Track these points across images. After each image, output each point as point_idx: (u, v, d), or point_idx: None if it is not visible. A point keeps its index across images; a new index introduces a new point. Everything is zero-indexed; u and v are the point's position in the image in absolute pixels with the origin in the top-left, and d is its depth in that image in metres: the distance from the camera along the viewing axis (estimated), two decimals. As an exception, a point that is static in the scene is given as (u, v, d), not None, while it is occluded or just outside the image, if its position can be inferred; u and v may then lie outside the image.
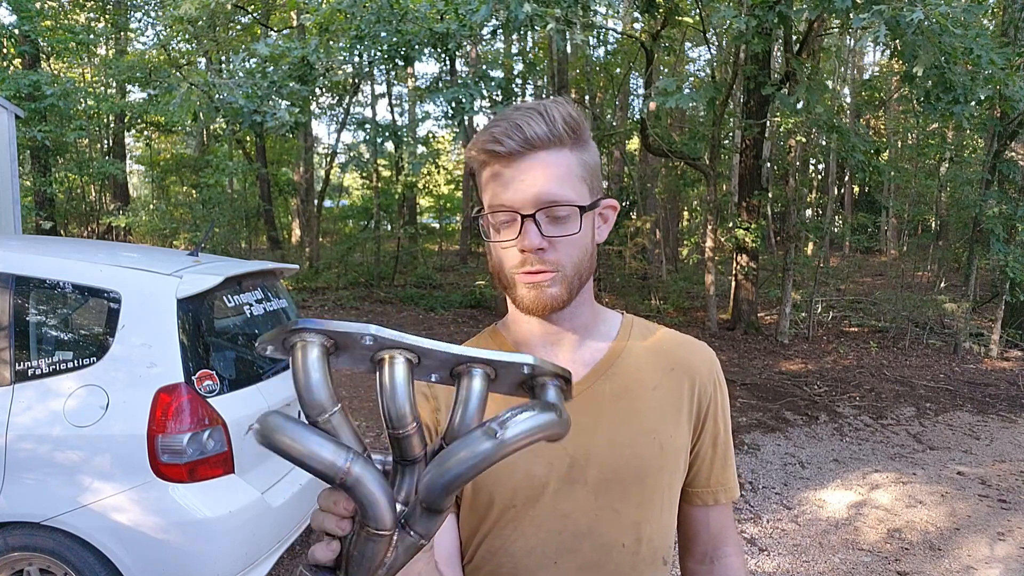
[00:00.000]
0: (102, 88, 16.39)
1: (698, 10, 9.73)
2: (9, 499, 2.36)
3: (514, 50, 16.87)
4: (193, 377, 2.42)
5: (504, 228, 0.84)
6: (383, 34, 6.97)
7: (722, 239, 9.77)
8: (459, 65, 11.92)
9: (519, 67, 14.41)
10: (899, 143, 16.93)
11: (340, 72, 7.99)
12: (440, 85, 9.22)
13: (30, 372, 2.43)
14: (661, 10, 8.49)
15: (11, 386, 2.42)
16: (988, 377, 7.49)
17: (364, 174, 16.76)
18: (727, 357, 8.15)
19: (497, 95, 8.87)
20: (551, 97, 0.90)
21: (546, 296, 0.84)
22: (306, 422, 0.58)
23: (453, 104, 6.81)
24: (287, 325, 0.58)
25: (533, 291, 0.84)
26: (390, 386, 0.59)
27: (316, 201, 15.81)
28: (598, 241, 0.90)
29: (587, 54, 13.61)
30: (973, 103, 5.65)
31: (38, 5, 12.82)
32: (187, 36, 15.11)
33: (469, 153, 0.87)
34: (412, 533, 0.61)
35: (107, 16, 16.16)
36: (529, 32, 10.44)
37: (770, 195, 10.90)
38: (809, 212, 14.85)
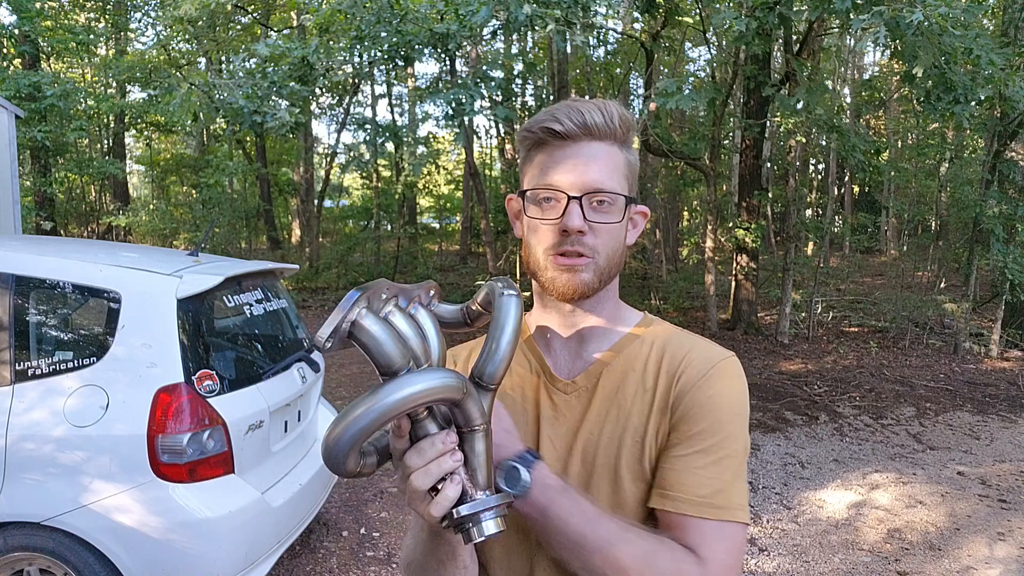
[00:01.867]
0: (102, 88, 16.39)
1: (698, 10, 9.74)
2: (9, 499, 2.36)
3: (514, 50, 16.87)
4: (193, 377, 2.42)
5: (547, 208, 0.86)
6: (383, 34, 6.98)
7: (722, 239, 9.77)
8: (459, 65, 11.91)
9: (519, 67, 14.40)
10: (899, 143, 16.93)
11: (340, 72, 7.99)
12: (440, 86, 9.22)
13: (30, 372, 2.43)
14: (661, 10, 8.49)
15: (11, 386, 2.42)
16: (988, 377, 7.49)
17: (364, 174, 16.76)
18: (727, 357, 8.15)
19: (497, 95, 8.88)
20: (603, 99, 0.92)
21: (577, 280, 0.85)
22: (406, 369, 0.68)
23: (453, 104, 6.81)
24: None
25: (565, 274, 0.86)
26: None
27: (316, 201, 15.82)
28: (628, 244, 0.92)
29: (587, 54, 13.60)
30: (973, 103, 5.65)
31: (38, 5, 12.82)
32: (187, 36, 15.12)
33: (523, 133, 0.89)
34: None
35: (107, 16, 16.17)
36: (529, 32, 10.44)
37: (770, 195, 10.90)
38: (809, 212, 14.84)
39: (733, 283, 9.77)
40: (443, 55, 7.98)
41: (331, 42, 8.20)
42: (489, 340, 0.75)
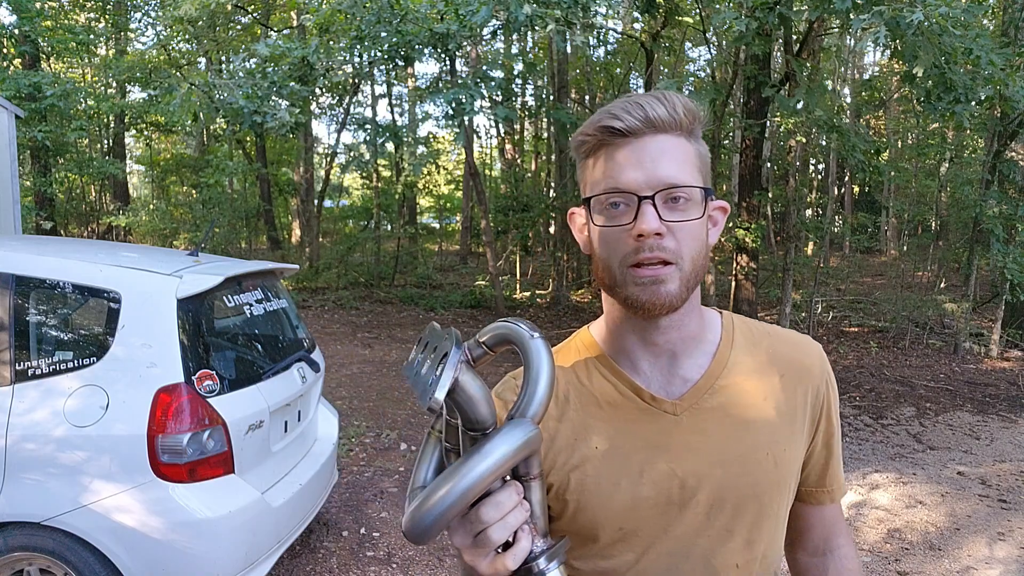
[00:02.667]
0: (102, 88, 16.40)
1: (698, 10, 9.74)
2: (9, 499, 2.36)
3: (514, 50, 16.88)
4: (193, 377, 2.42)
5: (617, 214, 0.78)
6: (383, 34, 6.98)
7: (722, 239, 9.77)
8: (459, 65, 11.91)
9: (519, 67, 14.41)
10: (899, 143, 16.94)
11: (340, 72, 7.99)
12: (440, 85, 9.22)
13: (30, 372, 2.43)
14: (661, 10, 8.50)
15: (11, 386, 2.42)
16: (988, 377, 7.49)
17: (364, 174, 16.76)
18: (727, 357, 8.15)
19: (497, 95, 8.88)
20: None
21: (661, 294, 0.77)
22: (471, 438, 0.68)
23: (453, 104, 6.82)
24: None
25: (649, 287, 0.77)
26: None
27: (316, 201, 15.82)
28: (710, 243, 0.83)
29: (587, 54, 13.61)
30: (973, 103, 5.65)
31: (38, 5, 12.83)
32: (187, 36, 15.12)
33: (579, 138, 0.82)
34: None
35: (107, 16, 16.18)
36: (529, 32, 10.45)
37: (770, 195, 10.90)
38: (809, 212, 14.84)
39: (733, 283, 9.77)
40: (443, 55, 7.98)
41: (331, 42, 8.21)
42: (527, 383, 0.70)
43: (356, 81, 12.43)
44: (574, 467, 0.84)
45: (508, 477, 0.69)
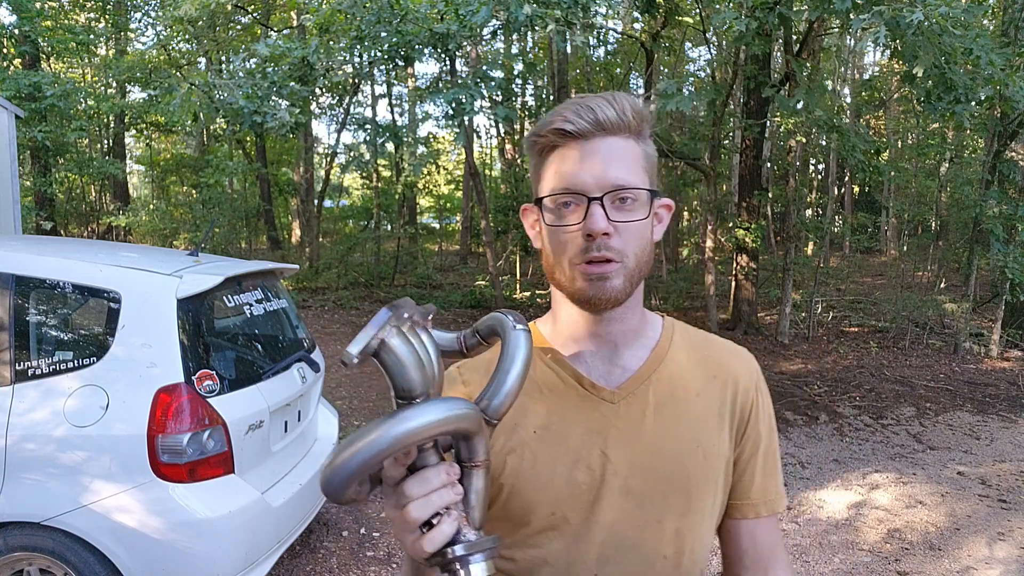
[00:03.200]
0: (102, 88, 16.40)
1: (698, 10, 9.74)
2: (9, 499, 2.36)
3: (514, 50, 16.88)
4: (193, 377, 2.42)
5: (567, 213, 0.81)
6: (383, 34, 6.98)
7: (722, 239, 9.77)
8: (459, 65, 11.91)
9: (519, 67, 14.41)
10: (899, 143, 16.94)
11: (340, 72, 7.99)
12: (440, 86, 9.22)
13: (30, 372, 2.43)
14: (661, 10, 8.49)
15: (11, 386, 2.42)
16: (988, 377, 7.49)
17: (364, 174, 16.76)
18: (727, 357, 8.16)
19: (497, 95, 8.88)
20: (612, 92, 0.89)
21: (608, 289, 0.81)
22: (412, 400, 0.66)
23: (453, 105, 6.81)
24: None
25: (596, 283, 0.81)
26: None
27: (316, 201, 15.82)
28: (655, 240, 0.87)
29: (587, 54, 13.61)
30: (973, 103, 5.65)
31: (38, 5, 12.83)
32: (187, 36, 15.12)
33: (532, 138, 0.85)
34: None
35: (107, 16, 16.18)
36: (529, 32, 10.45)
37: (770, 195, 10.90)
38: (809, 212, 14.84)
39: (733, 283, 9.78)
40: (443, 55, 7.98)
41: (331, 42, 8.20)
42: (498, 372, 0.71)
43: (356, 81, 12.43)
44: (511, 450, 0.86)
45: (448, 458, 0.68)
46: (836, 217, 13.87)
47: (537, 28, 6.27)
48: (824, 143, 11.67)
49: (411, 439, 0.61)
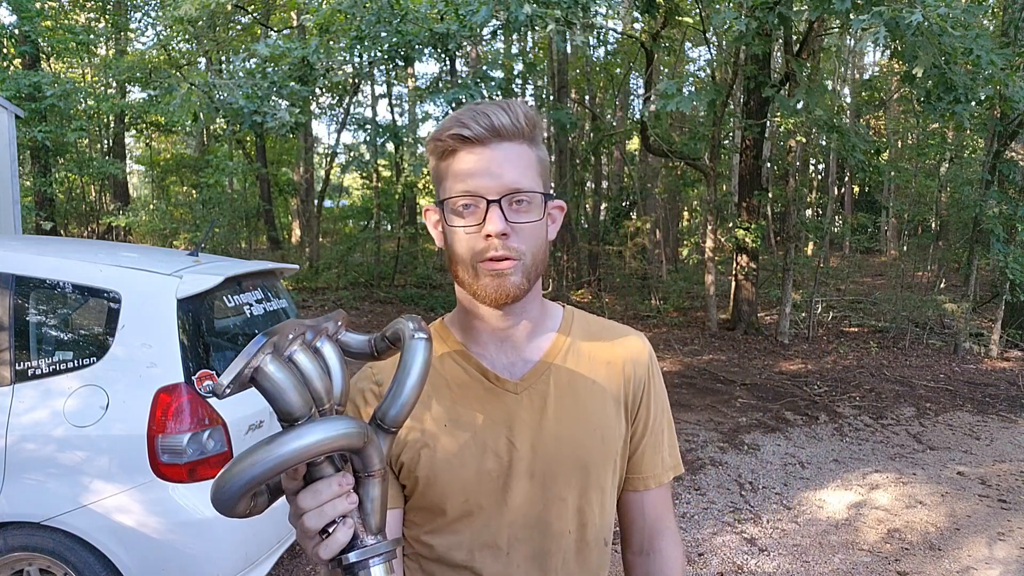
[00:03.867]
0: (102, 88, 16.39)
1: (698, 10, 9.74)
2: (9, 499, 2.36)
3: (514, 50, 16.87)
4: (193, 377, 2.42)
5: (468, 215, 0.86)
6: (383, 34, 6.98)
7: (722, 239, 9.77)
8: (459, 65, 11.91)
9: (519, 67, 14.40)
10: (899, 143, 16.94)
11: (340, 72, 7.99)
12: (440, 86, 9.23)
13: (30, 372, 2.43)
14: (661, 10, 8.49)
15: (11, 386, 2.42)
16: (988, 377, 7.49)
17: (364, 174, 16.76)
18: (727, 357, 8.16)
19: (497, 95, 8.87)
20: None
21: (508, 284, 0.86)
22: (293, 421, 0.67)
23: (453, 105, 6.81)
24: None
25: (496, 279, 0.86)
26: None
27: (316, 201, 15.82)
28: (549, 239, 0.93)
29: (587, 54, 13.61)
30: (973, 103, 5.65)
31: (38, 5, 12.82)
32: (187, 36, 15.11)
33: (432, 143, 0.89)
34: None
35: (107, 16, 16.17)
36: (529, 32, 10.45)
37: (770, 195, 10.90)
38: (809, 212, 14.85)
39: (733, 283, 9.77)
40: (443, 55, 7.98)
41: (331, 42, 8.20)
42: (395, 383, 0.73)
43: (356, 81, 12.43)
44: (424, 444, 0.91)
45: (342, 468, 0.70)
46: (836, 217, 13.87)
47: (537, 28, 6.28)
48: (824, 143, 11.67)
49: (288, 462, 0.63)
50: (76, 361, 2.43)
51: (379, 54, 7.17)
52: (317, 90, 8.91)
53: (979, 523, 3.94)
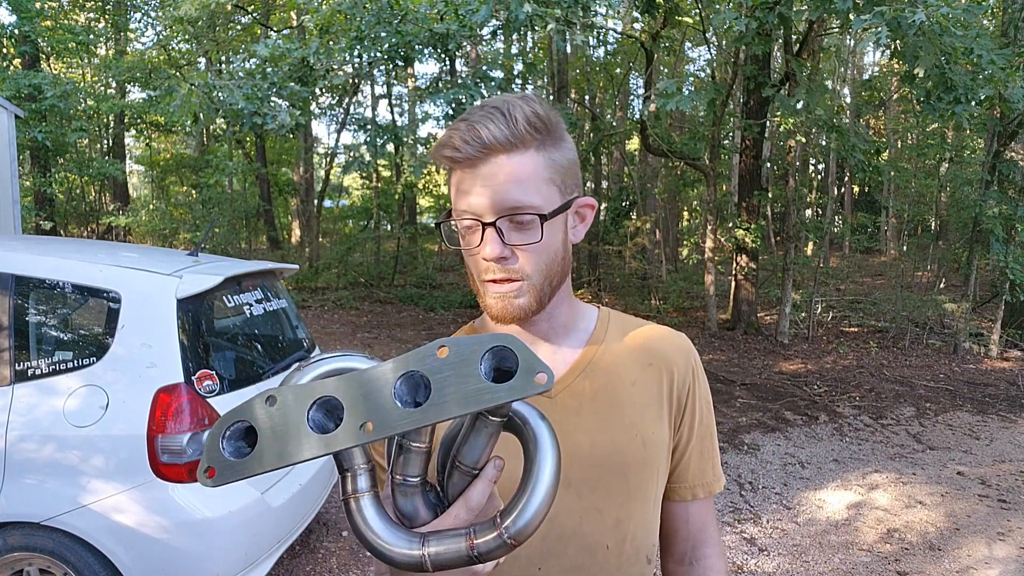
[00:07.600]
0: (102, 88, 16.40)
1: (698, 10, 9.74)
2: (9, 499, 2.36)
3: (514, 50, 16.88)
4: (193, 377, 2.42)
5: (469, 235, 0.82)
6: (383, 35, 6.97)
7: (722, 239, 9.77)
8: (459, 65, 11.92)
9: (519, 67, 14.40)
10: (899, 143, 16.94)
11: (340, 73, 7.99)
12: (440, 86, 9.23)
13: (30, 372, 2.43)
14: (661, 10, 8.49)
15: (11, 386, 2.42)
16: (988, 377, 7.49)
17: (364, 175, 16.76)
18: (727, 357, 8.15)
19: (497, 95, 8.86)
20: (522, 92, 0.88)
21: (513, 307, 0.81)
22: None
23: (453, 105, 6.82)
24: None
25: (500, 301, 0.82)
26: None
27: (316, 201, 15.82)
28: (574, 241, 0.87)
29: (587, 54, 13.61)
30: (973, 103, 5.65)
31: (38, 5, 12.83)
32: (187, 36, 15.12)
33: (433, 155, 0.85)
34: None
35: (107, 16, 16.18)
36: (529, 32, 10.44)
37: (770, 195, 10.90)
38: (809, 212, 14.84)
39: (733, 283, 9.77)
40: (443, 55, 7.98)
41: (331, 43, 8.20)
42: (524, 484, 0.61)
43: (356, 81, 12.43)
44: None
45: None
46: (836, 217, 13.87)
47: (537, 28, 6.28)
48: (824, 143, 11.67)
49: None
50: (76, 361, 2.43)
51: (379, 54, 7.17)
52: (317, 91, 8.91)
53: (979, 523, 3.94)
